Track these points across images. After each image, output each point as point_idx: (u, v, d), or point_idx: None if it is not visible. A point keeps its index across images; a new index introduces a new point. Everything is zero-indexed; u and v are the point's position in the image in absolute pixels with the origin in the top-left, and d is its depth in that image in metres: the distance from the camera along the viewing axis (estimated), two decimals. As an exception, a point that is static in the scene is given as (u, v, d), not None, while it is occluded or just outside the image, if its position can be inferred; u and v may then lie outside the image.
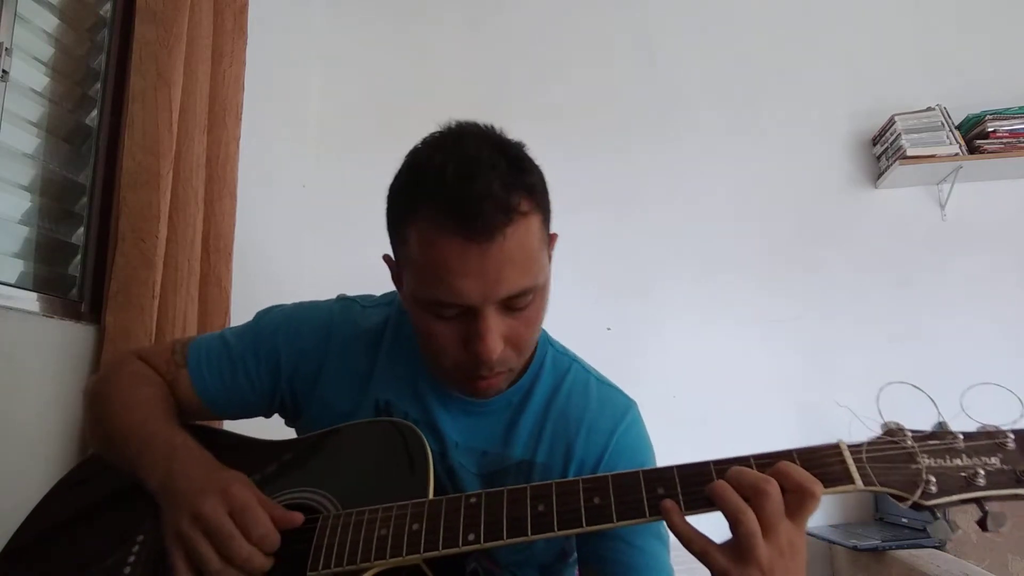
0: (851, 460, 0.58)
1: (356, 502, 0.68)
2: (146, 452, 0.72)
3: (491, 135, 0.70)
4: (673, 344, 2.33)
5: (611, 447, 0.80)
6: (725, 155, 2.44)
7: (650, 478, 0.61)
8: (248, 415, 0.89)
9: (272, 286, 2.11)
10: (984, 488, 0.56)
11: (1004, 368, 2.13)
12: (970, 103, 2.24)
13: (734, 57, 2.51)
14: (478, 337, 0.66)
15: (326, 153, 2.55)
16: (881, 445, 0.59)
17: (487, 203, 0.62)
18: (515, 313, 0.69)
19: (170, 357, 0.86)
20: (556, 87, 2.54)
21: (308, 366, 0.85)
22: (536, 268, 0.68)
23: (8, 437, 1.14)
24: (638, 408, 0.86)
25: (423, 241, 0.65)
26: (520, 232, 0.65)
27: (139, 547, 0.72)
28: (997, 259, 2.25)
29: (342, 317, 0.88)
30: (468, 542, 0.61)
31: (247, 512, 0.64)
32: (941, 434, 0.59)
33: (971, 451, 0.58)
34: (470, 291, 0.64)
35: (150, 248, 1.33)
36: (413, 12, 2.68)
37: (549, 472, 0.80)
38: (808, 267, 2.33)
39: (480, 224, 0.62)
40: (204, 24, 1.55)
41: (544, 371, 0.84)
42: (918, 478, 0.57)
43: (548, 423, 0.81)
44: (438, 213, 0.63)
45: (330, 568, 0.64)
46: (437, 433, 0.81)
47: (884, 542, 1.79)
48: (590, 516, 0.60)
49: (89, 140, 1.44)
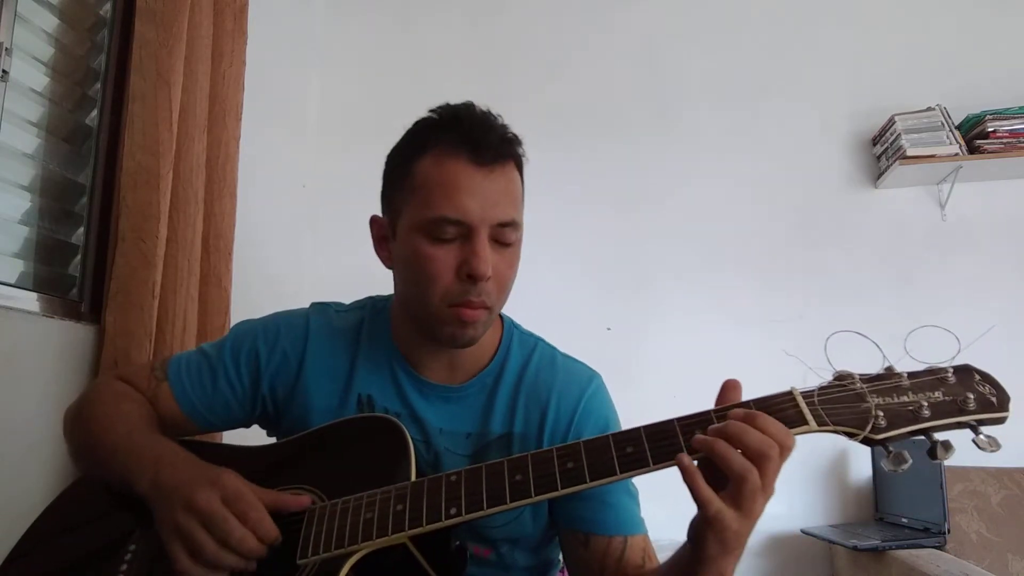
0: (804, 404, 0.62)
1: (343, 494, 0.70)
2: (133, 460, 0.73)
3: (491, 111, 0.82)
4: (673, 344, 2.33)
5: (579, 410, 0.86)
6: (725, 155, 2.44)
7: (619, 439, 0.65)
8: (230, 425, 0.91)
9: (272, 286, 2.11)
10: (930, 419, 0.60)
11: (993, 357, 2.13)
12: (970, 103, 2.23)
13: (734, 56, 2.51)
14: (474, 255, 0.74)
15: (326, 153, 2.55)
16: (832, 389, 0.64)
17: (493, 136, 0.77)
18: (501, 248, 0.78)
19: (149, 374, 0.88)
20: (556, 87, 2.54)
21: (288, 368, 0.87)
22: (520, 208, 0.81)
23: (8, 437, 1.14)
24: (601, 378, 0.92)
25: (435, 164, 0.76)
26: (513, 173, 0.80)
27: (131, 555, 0.73)
28: (997, 259, 2.24)
29: (318, 319, 0.91)
30: (451, 516, 0.64)
31: (239, 499, 0.66)
32: (888, 375, 0.64)
33: (916, 387, 0.62)
34: (472, 208, 0.74)
35: (150, 248, 1.33)
36: (413, 12, 2.68)
37: (526, 439, 0.85)
38: (808, 267, 2.33)
39: (489, 153, 0.76)
40: (204, 24, 1.55)
41: (512, 351, 0.90)
42: (868, 415, 0.61)
43: (521, 396, 0.86)
44: (452, 140, 0.76)
45: (319, 554, 0.66)
46: (419, 422, 0.85)
47: (884, 542, 1.79)
48: (564, 479, 0.63)
49: (89, 140, 1.44)
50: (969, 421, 0.60)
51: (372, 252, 0.88)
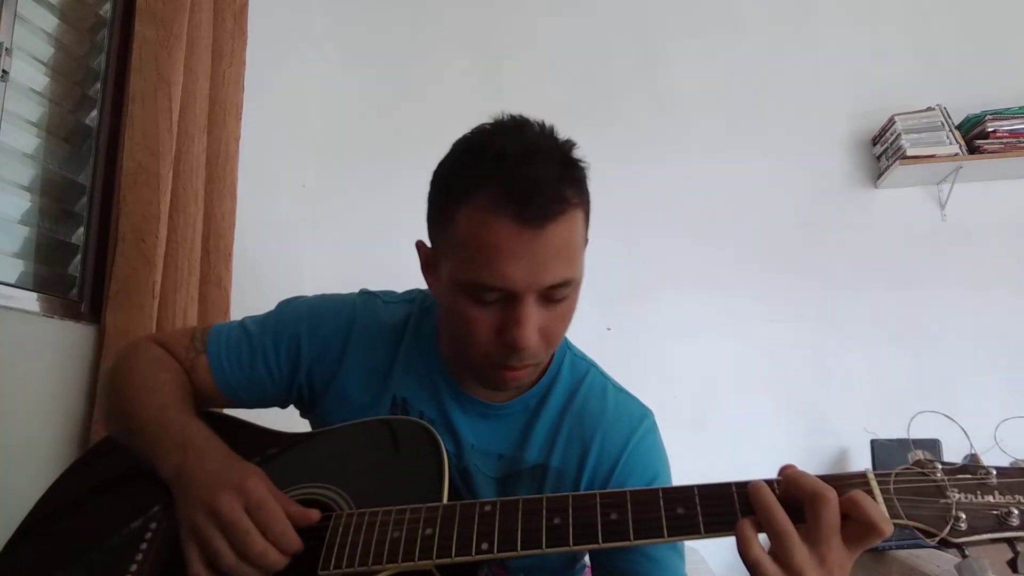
0: (878, 490, 0.56)
1: (370, 501, 0.68)
2: (162, 439, 0.72)
3: (548, 128, 0.71)
4: (673, 344, 2.33)
5: (626, 454, 0.79)
6: (725, 155, 2.44)
7: (669, 496, 0.59)
8: (265, 404, 0.89)
9: (272, 286, 2.11)
10: (1018, 528, 0.54)
11: (994, 357, 2.14)
12: (970, 103, 2.23)
13: (734, 57, 2.51)
14: (516, 324, 0.66)
15: (326, 153, 2.55)
16: (909, 476, 0.57)
17: (544, 190, 0.64)
18: (551, 305, 0.69)
19: (189, 343, 0.85)
20: (555, 89, 2.54)
21: (328, 357, 0.85)
22: (578, 262, 0.70)
23: (8, 437, 1.14)
24: (654, 417, 0.85)
25: (475, 221, 0.65)
26: (568, 223, 0.67)
27: (152, 534, 0.71)
28: (997, 259, 2.24)
29: (364, 311, 0.87)
30: (481, 551, 0.61)
31: (263, 509, 0.64)
32: (972, 468, 0.56)
33: (1004, 488, 0.55)
34: (516, 276, 0.65)
35: (150, 248, 1.33)
36: (413, 12, 2.68)
37: (563, 476, 0.79)
38: (808, 267, 2.33)
39: (534, 210, 0.64)
40: (204, 24, 1.55)
41: (562, 375, 0.84)
42: (947, 514, 0.54)
43: (564, 427, 0.81)
44: (495, 195, 0.64)
45: (341, 568, 0.64)
46: (453, 434, 0.81)
47: (884, 542, 1.79)
48: (606, 532, 0.59)
49: (89, 140, 1.44)
50: None
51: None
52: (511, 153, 0.65)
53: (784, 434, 2.20)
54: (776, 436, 2.19)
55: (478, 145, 0.69)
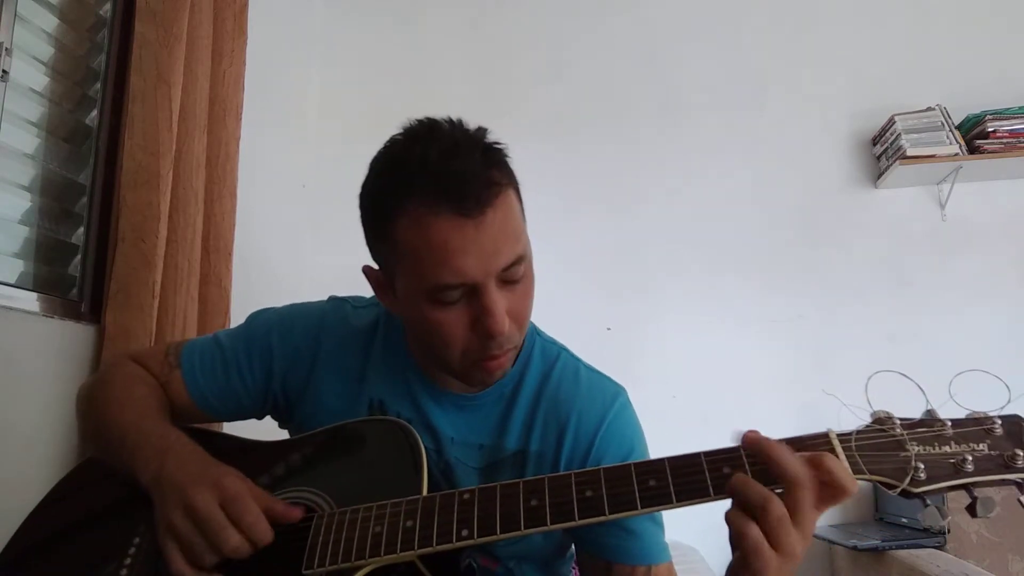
0: (840, 448, 0.59)
1: (351, 501, 0.68)
2: (141, 448, 0.73)
3: (458, 122, 0.72)
4: (673, 344, 2.33)
5: (601, 432, 0.81)
6: (725, 155, 2.44)
7: (641, 470, 0.61)
8: (241, 416, 0.90)
9: (272, 286, 2.11)
10: (973, 474, 0.56)
11: (994, 357, 2.13)
12: (970, 103, 2.23)
13: (734, 56, 2.51)
14: (487, 314, 0.67)
15: (326, 153, 2.55)
16: (870, 433, 0.59)
17: (474, 179, 0.65)
18: (511, 287, 0.70)
19: (164, 359, 0.87)
20: (556, 87, 2.54)
21: (301, 365, 0.86)
22: (523, 237, 0.72)
23: (8, 437, 1.14)
24: (627, 394, 0.86)
25: (417, 228, 0.66)
26: (505, 204, 0.68)
27: (135, 549, 0.72)
28: (997, 259, 2.24)
29: (334, 316, 0.89)
30: (462, 537, 0.61)
31: (237, 502, 0.65)
32: (929, 421, 0.59)
33: (959, 437, 0.58)
34: (471, 267, 0.66)
35: (150, 248, 1.33)
36: (413, 12, 2.68)
37: (542, 459, 0.81)
38: (808, 267, 2.33)
39: (472, 201, 0.65)
40: (204, 24, 1.55)
41: (533, 360, 0.85)
42: (907, 465, 0.57)
43: (539, 411, 0.82)
44: (428, 196, 0.65)
45: (325, 566, 0.64)
46: (432, 430, 0.82)
47: (884, 542, 1.79)
48: (582, 509, 0.60)
49: (89, 140, 1.44)
50: (1017, 479, 0.56)
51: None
52: (433, 154, 0.66)
53: (784, 434, 2.18)
54: (776, 436, 2.19)
55: (398, 156, 0.71)
